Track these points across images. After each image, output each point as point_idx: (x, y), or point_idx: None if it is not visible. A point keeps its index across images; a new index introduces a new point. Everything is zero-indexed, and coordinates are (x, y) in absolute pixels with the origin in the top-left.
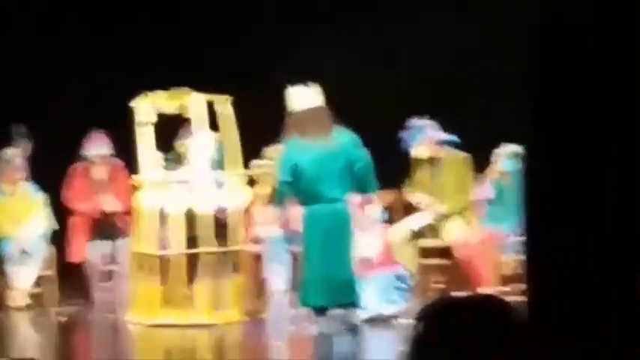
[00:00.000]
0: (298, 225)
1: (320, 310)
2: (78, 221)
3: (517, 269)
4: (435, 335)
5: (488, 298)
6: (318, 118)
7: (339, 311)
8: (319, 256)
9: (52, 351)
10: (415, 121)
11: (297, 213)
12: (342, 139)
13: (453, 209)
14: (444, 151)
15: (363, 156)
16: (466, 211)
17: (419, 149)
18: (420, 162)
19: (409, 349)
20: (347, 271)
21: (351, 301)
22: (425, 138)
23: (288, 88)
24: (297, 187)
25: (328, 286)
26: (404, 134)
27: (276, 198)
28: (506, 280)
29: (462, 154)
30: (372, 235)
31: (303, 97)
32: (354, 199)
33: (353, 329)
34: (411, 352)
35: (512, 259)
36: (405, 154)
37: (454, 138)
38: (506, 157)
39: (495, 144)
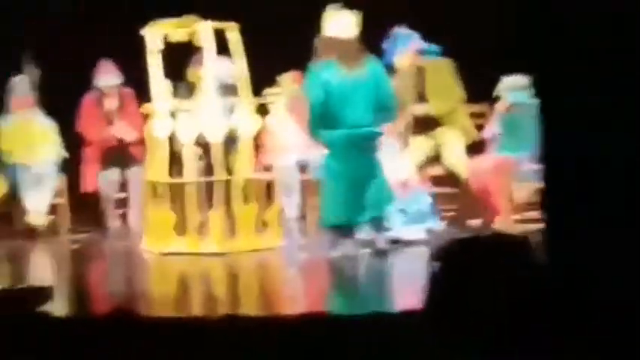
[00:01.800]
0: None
1: (344, 231)
2: (91, 151)
3: (530, 197)
4: (451, 275)
5: (504, 238)
6: (351, 48)
7: (364, 233)
8: (346, 179)
9: (66, 279)
10: (399, 30)
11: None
12: (373, 68)
13: (439, 109)
14: (424, 60)
15: (389, 87)
16: (457, 117)
17: (401, 59)
18: (403, 73)
19: (427, 287)
20: (376, 192)
21: (377, 216)
22: (409, 47)
23: (327, 9)
24: (325, 108)
25: (354, 205)
26: (386, 45)
27: (312, 120)
28: (518, 208)
29: (442, 60)
30: (396, 159)
31: (340, 24)
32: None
33: (380, 253)
34: (428, 291)
35: (525, 186)
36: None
37: (435, 47)
38: (511, 89)
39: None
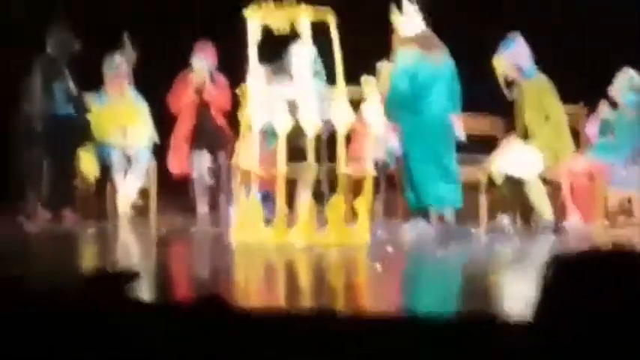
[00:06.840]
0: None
1: (421, 212)
2: (181, 131)
3: (622, 204)
4: (566, 286)
5: (628, 254)
6: (429, 41)
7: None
8: (425, 164)
9: (153, 263)
10: (514, 35)
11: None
12: (447, 56)
13: (540, 144)
14: (520, 76)
15: (457, 77)
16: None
17: (497, 60)
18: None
19: (539, 296)
20: (452, 179)
21: (452, 205)
22: (509, 52)
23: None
24: (408, 96)
25: (432, 190)
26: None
27: (390, 106)
28: (609, 214)
29: (538, 78)
30: None
31: (410, 22)
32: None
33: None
34: (540, 300)
35: (617, 193)
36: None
37: (533, 69)
38: (625, 88)
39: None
